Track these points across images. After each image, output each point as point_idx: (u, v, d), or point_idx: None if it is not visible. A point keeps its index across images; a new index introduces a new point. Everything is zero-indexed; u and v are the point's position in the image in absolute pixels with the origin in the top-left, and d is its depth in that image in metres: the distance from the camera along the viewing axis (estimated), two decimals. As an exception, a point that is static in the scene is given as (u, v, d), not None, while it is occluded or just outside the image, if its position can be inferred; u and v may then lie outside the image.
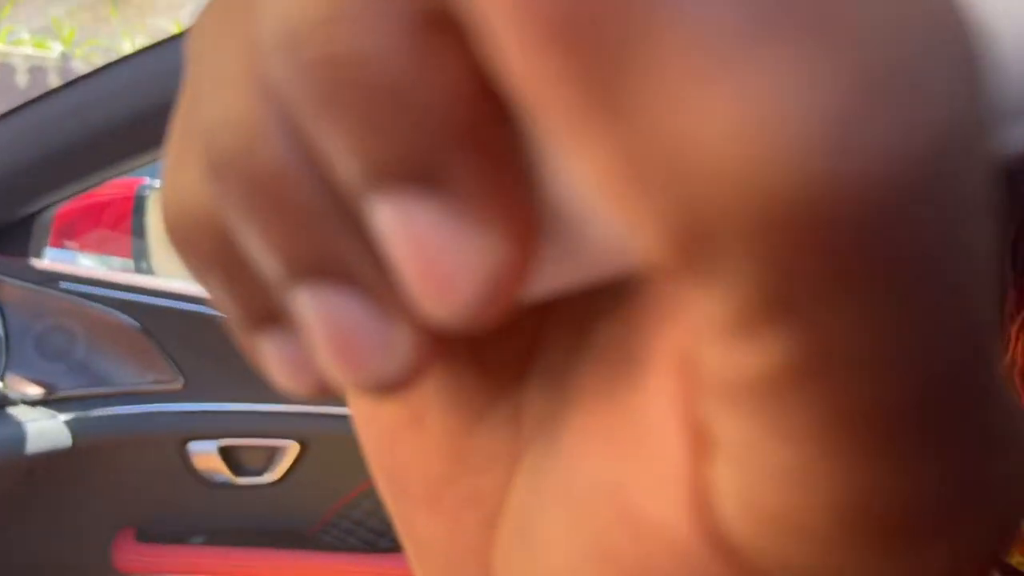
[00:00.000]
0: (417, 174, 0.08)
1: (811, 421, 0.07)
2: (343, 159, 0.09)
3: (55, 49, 7.10)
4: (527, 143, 0.09)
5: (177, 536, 1.18)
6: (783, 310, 0.07)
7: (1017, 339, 0.57)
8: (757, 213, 0.06)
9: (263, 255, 0.10)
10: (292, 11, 0.08)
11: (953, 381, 0.07)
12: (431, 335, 0.10)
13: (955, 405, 0.07)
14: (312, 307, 0.10)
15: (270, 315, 0.11)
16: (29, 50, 6.91)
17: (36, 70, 6.23)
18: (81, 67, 6.44)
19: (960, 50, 0.06)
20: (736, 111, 0.06)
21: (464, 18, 0.07)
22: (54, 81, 6.14)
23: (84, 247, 1.34)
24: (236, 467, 1.19)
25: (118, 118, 1.04)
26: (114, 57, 1.10)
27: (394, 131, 0.08)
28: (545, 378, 0.12)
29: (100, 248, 1.36)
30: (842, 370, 0.07)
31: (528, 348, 0.12)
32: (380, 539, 1.21)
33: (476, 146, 0.08)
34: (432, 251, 0.09)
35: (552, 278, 0.10)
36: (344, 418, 1.19)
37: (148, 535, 1.18)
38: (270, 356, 0.11)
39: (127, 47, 7.79)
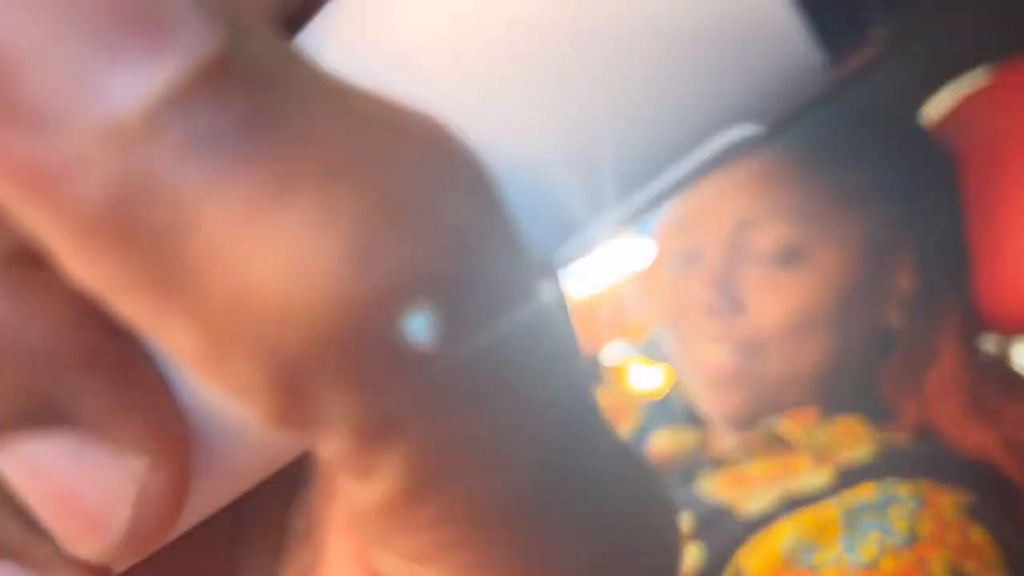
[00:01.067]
0: (32, 416, 0.08)
1: (439, 532, 0.08)
2: None
3: None
4: (152, 354, 0.09)
5: None
6: (379, 436, 0.07)
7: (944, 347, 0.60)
8: (316, 344, 0.07)
9: None
10: None
11: (545, 474, 0.08)
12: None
13: (554, 496, 0.08)
14: None
15: None
16: None
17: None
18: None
19: (462, 169, 0.07)
20: (274, 253, 0.07)
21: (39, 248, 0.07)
22: None
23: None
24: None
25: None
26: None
27: None
28: None
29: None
30: (448, 479, 0.07)
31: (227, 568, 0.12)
32: None
33: (92, 371, 0.08)
34: (68, 488, 0.08)
35: (213, 489, 0.09)
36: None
37: None
38: None
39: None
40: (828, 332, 0.60)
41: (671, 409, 0.79)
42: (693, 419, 0.75)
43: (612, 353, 0.95)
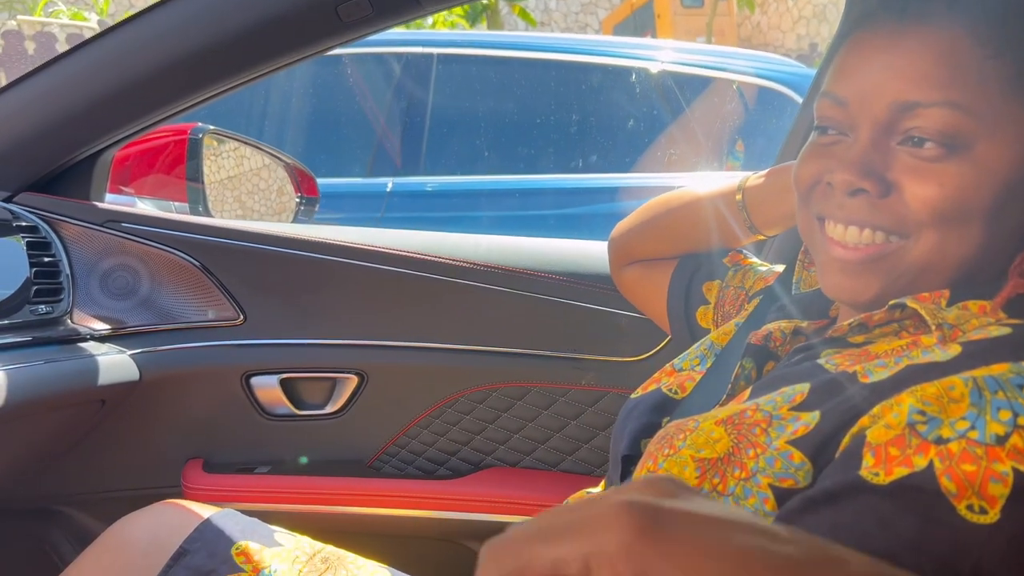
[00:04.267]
0: None
1: None
2: None
3: (92, 19, 7.16)
4: None
5: (243, 466, 1.21)
6: None
7: None
8: None
9: None
10: None
11: None
12: None
13: None
14: None
15: None
16: (66, 20, 6.98)
17: (74, 37, 6.31)
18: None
19: None
20: None
21: None
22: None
23: (141, 192, 1.37)
24: (297, 400, 1.22)
25: (165, 60, 1.06)
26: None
27: None
28: None
29: (156, 192, 1.39)
30: None
31: None
32: (438, 468, 1.24)
33: None
34: None
35: None
36: (401, 350, 1.21)
37: (215, 465, 1.22)
38: None
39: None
40: (979, 225, 0.57)
41: (791, 297, 0.78)
42: (811, 307, 0.74)
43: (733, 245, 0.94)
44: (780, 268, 0.86)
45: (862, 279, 0.61)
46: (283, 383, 1.20)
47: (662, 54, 3.03)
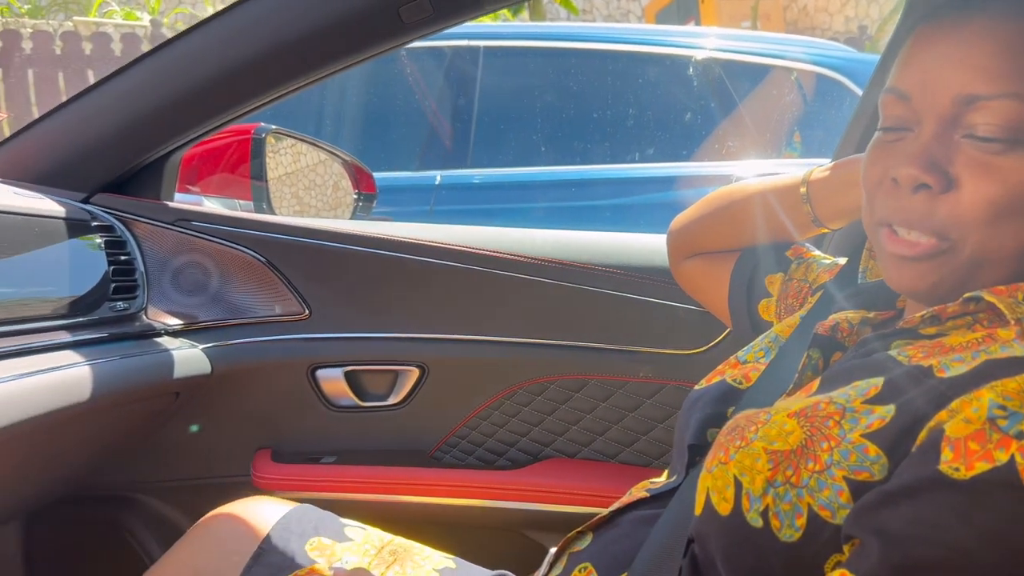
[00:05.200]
0: None
1: None
2: None
3: (144, 18, 7.32)
4: None
5: (310, 456, 1.25)
6: None
7: None
8: None
9: None
10: None
11: None
12: None
13: None
14: None
15: None
16: (120, 20, 7.15)
17: (128, 37, 6.46)
18: (168, 33, 6.65)
19: None
20: None
21: None
22: (146, 47, 6.36)
23: (207, 191, 1.41)
24: (360, 392, 1.25)
25: (232, 64, 1.09)
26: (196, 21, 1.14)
27: None
28: None
29: (222, 191, 1.43)
30: None
31: None
32: (497, 459, 1.26)
33: None
34: None
35: None
36: (461, 343, 1.23)
37: (283, 455, 1.26)
38: None
39: (209, 11, 7.97)
40: None
41: (856, 287, 0.78)
42: (878, 298, 0.74)
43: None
44: (843, 261, 0.86)
45: (917, 270, 0.61)
46: (347, 375, 1.23)
47: (710, 41, 3.00)
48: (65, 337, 0.98)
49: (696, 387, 0.80)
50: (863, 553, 0.48)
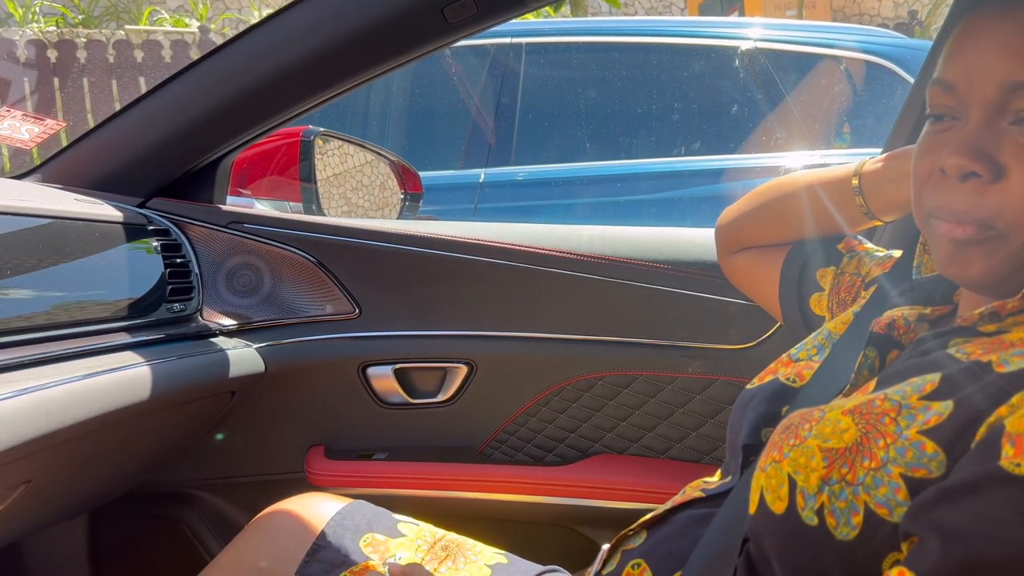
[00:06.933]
0: None
1: None
2: None
3: (192, 25, 7.49)
4: None
5: (362, 452, 1.27)
6: None
7: None
8: None
9: None
10: None
11: None
12: None
13: None
14: None
15: None
16: (169, 27, 7.32)
17: (178, 44, 6.61)
18: (217, 39, 6.78)
19: None
20: None
21: None
22: (195, 53, 6.50)
23: (257, 194, 1.44)
24: (410, 389, 1.27)
25: (281, 68, 1.11)
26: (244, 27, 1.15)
27: None
28: None
29: (272, 193, 1.46)
30: None
31: None
32: (546, 455, 1.26)
33: None
34: None
35: None
36: (508, 340, 1.24)
37: (336, 452, 1.28)
38: None
39: (255, 15, 8.13)
40: None
41: (911, 283, 0.76)
42: (933, 293, 0.73)
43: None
44: (898, 254, 0.85)
45: (968, 255, 0.60)
46: (397, 373, 1.25)
47: (755, 31, 2.96)
48: (125, 338, 1.01)
49: (748, 386, 0.80)
50: (922, 551, 0.47)
